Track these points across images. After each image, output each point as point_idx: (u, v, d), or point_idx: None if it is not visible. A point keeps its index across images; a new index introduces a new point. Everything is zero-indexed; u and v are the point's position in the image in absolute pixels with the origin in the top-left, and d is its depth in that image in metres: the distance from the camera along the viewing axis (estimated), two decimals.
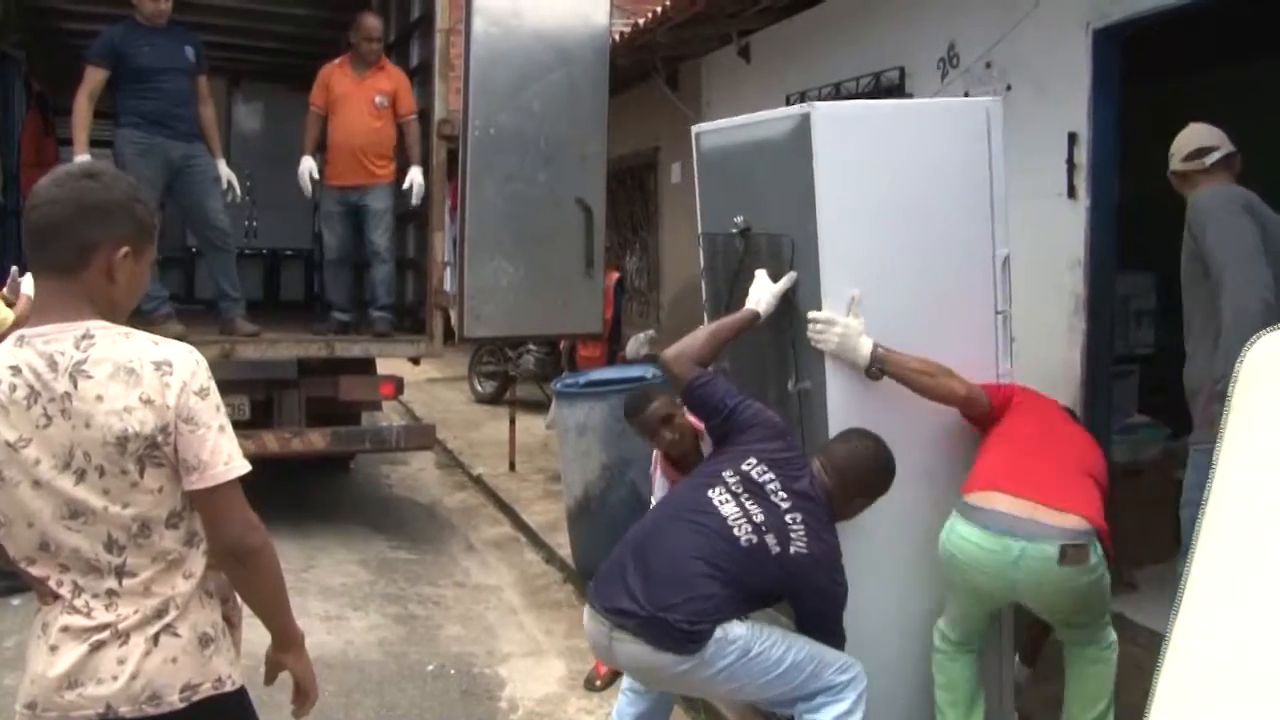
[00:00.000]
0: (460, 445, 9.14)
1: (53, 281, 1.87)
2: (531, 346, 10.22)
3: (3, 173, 7.50)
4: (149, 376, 1.83)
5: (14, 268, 4.63)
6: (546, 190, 6.18)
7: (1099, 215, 4.74)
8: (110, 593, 1.87)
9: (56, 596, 1.88)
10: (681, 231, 9.28)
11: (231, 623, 2.06)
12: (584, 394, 5.52)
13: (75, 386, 1.81)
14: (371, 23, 6.61)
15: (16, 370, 1.82)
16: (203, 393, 1.88)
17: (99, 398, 1.81)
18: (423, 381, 11.50)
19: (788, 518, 3.06)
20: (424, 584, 5.79)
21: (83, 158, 5.72)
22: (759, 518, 3.04)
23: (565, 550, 5.85)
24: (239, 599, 2.06)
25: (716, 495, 3.10)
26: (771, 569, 3.03)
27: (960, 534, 3.19)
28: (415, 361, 7.26)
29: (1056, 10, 4.76)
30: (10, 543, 1.88)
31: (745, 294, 3.56)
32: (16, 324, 5.04)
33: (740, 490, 3.09)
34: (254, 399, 6.33)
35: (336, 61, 6.68)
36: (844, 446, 3.24)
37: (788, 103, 7.01)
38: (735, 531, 3.03)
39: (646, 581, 2.99)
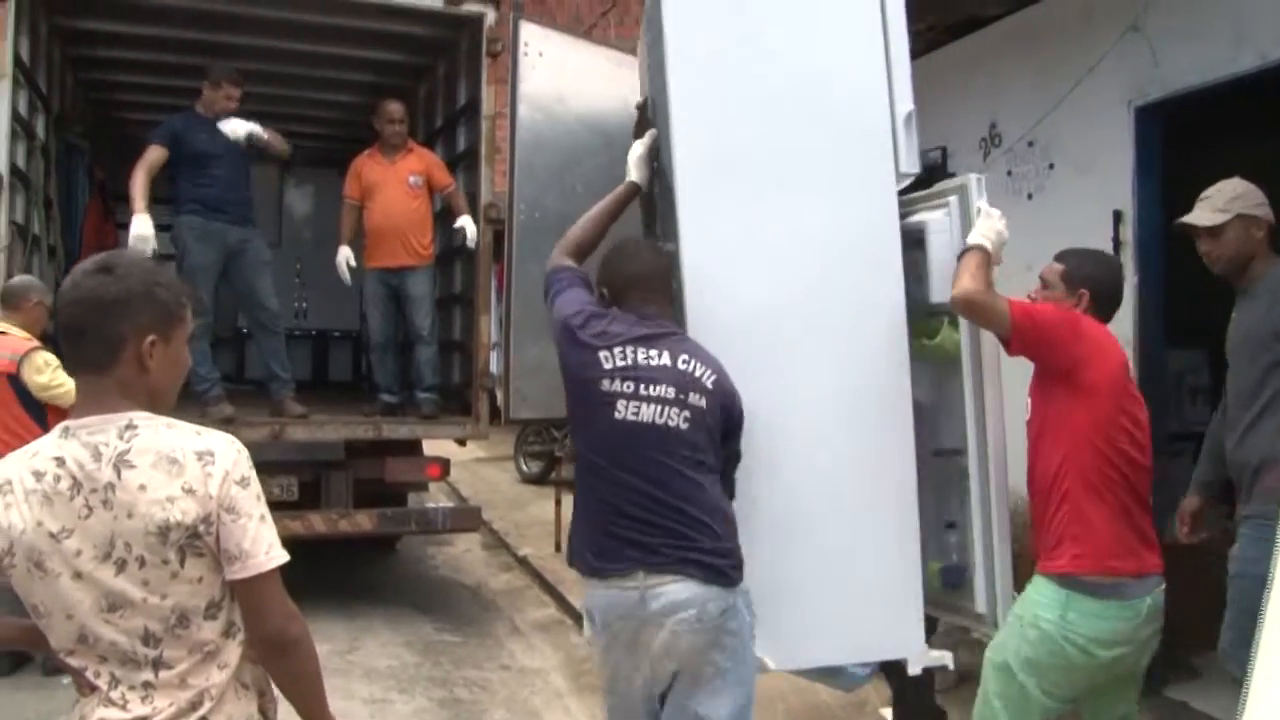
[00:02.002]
0: (506, 526, 9.12)
1: (90, 377, 1.90)
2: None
3: (66, 257, 7.70)
4: (191, 466, 1.85)
5: None
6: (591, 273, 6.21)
7: (1148, 292, 4.71)
8: (146, 685, 1.87)
9: (94, 688, 1.88)
10: None
11: (267, 716, 2.04)
12: None
13: (119, 476, 1.83)
14: (393, 107, 6.79)
15: (61, 461, 1.84)
16: (244, 482, 1.89)
17: (142, 487, 1.82)
18: (469, 461, 11.54)
19: (679, 362, 2.93)
20: (469, 667, 5.75)
21: (141, 217, 5.93)
22: (669, 393, 2.89)
23: None
24: (275, 691, 2.05)
25: (626, 410, 2.90)
26: (713, 413, 2.91)
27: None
28: (461, 442, 7.29)
29: (1097, 89, 4.79)
30: (50, 634, 1.89)
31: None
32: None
33: (631, 389, 2.90)
34: (302, 480, 6.38)
35: (366, 152, 6.87)
36: (621, 267, 3.08)
37: None
38: (669, 423, 2.88)
39: (651, 525, 2.84)
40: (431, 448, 7.12)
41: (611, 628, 2.90)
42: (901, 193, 3.40)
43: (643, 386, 2.89)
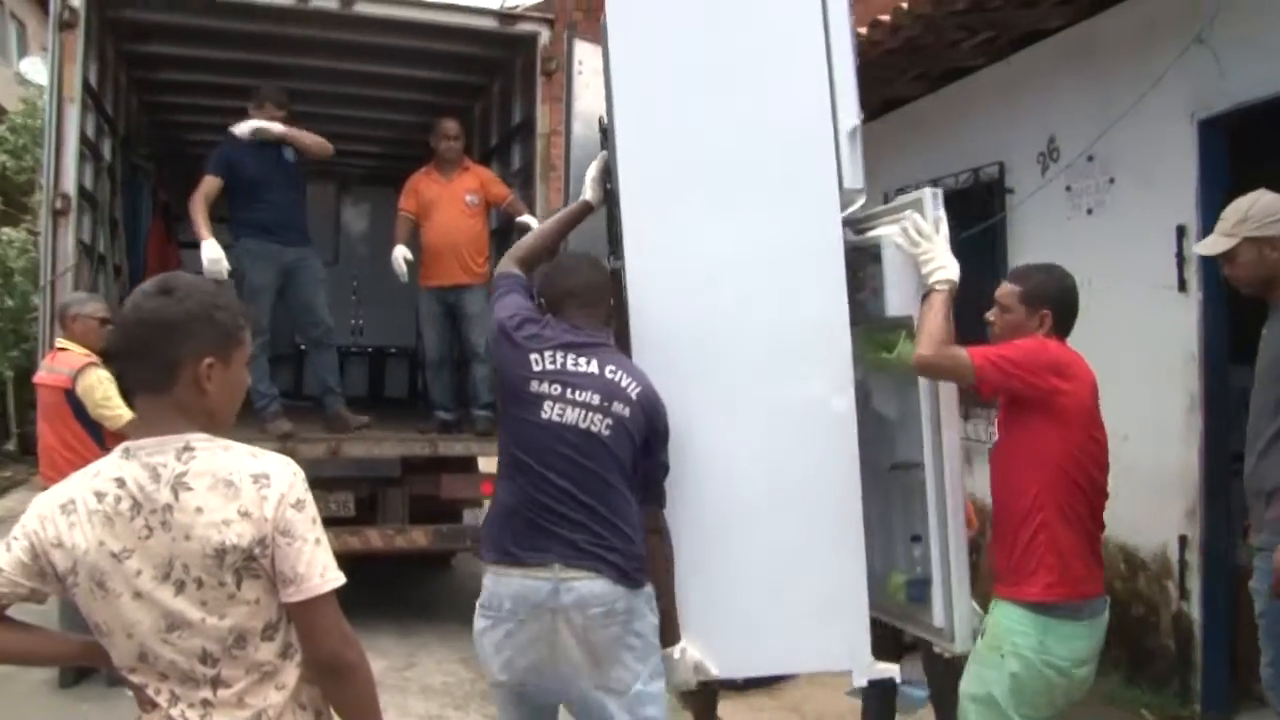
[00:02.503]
0: None
1: (149, 398, 1.91)
2: None
3: (130, 276, 7.86)
4: (247, 489, 1.86)
5: None
6: None
7: (1212, 308, 4.62)
8: (205, 703, 1.89)
9: (155, 705, 1.90)
10: None
11: None
12: None
13: (176, 498, 1.84)
14: (449, 124, 6.84)
15: (121, 482, 1.86)
16: (299, 505, 1.89)
17: (199, 509, 1.84)
18: None
19: (605, 371, 3.03)
20: None
21: (209, 242, 6.04)
22: (593, 399, 2.99)
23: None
24: (332, 713, 2.05)
25: (551, 411, 3.00)
26: (635, 422, 3.00)
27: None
28: None
29: (1160, 103, 4.71)
30: (112, 651, 1.91)
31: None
32: (124, 430, 5.26)
33: (558, 391, 3.01)
34: (359, 496, 6.44)
35: (423, 169, 6.91)
36: (559, 280, 3.20)
37: (884, 200, 7.01)
38: (592, 428, 2.98)
39: (568, 520, 2.94)
40: (487, 464, 7.14)
41: (519, 615, 2.96)
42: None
43: (569, 391, 3.00)
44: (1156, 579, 4.93)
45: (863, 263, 3.39)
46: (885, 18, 5.50)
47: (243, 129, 6.39)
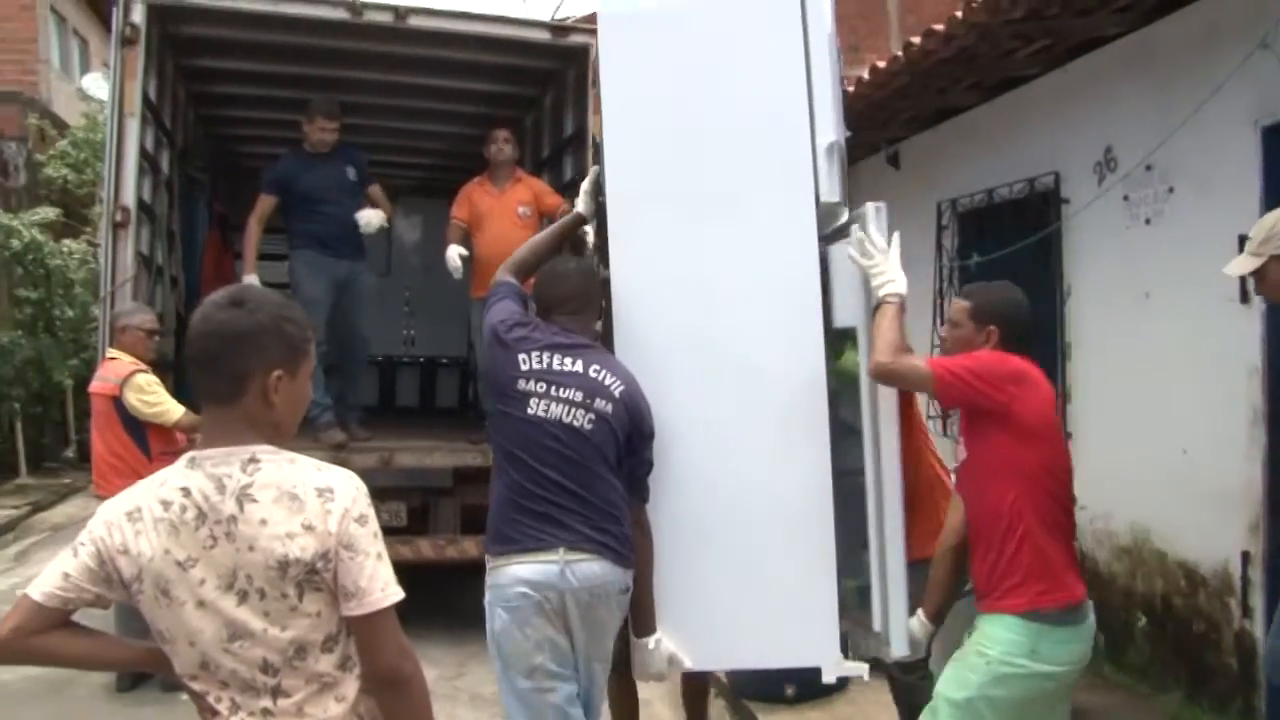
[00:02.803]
0: None
1: (216, 409, 1.92)
2: None
3: (186, 288, 7.98)
4: (311, 503, 1.87)
5: None
6: None
7: (1276, 320, 4.51)
8: (265, 712, 1.90)
9: (215, 713, 1.92)
10: None
11: None
12: None
13: (241, 510, 1.85)
14: (502, 135, 6.89)
15: (187, 492, 1.88)
16: (362, 520, 1.90)
17: (263, 521, 1.85)
18: None
19: (590, 370, 3.26)
20: None
21: (250, 278, 6.18)
22: (576, 396, 3.23)
23: None
24: None
25: (537, 407, 3.24)
26: (618, 419, 3.23)
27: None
28: None
29: (1221, 110, 4.62)
30: (175, 658, 1.93)
31: None
32: (179, 425, 5.36)
33: (544, 389, 3.25)
34: (410, 506, 6.47)
35: (476, 180, 6.94)
36: (550, 287, 3.47)
37: (939, 210, 6.96)
38: (575, 423, 3.21)
39: (564, 508, 3.18)
40: None
41: (533, 598, 3.16)
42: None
43: (554, 388, 3.24)
44: (1218, 595, 4.83)
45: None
46: (939, 27, 5.46)
47: (369, 223, 6.66)
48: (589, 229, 6.41)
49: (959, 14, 5.23)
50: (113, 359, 5.55)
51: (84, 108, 15.87)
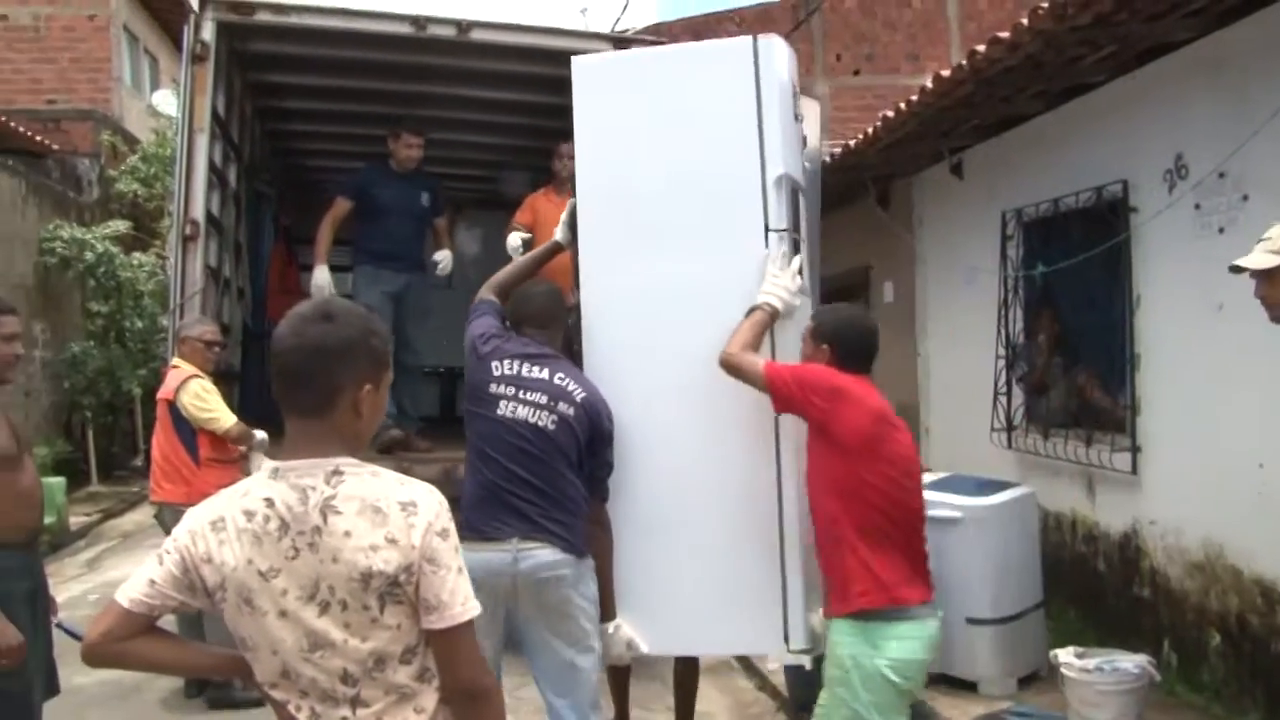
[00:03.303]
0: None
1: (301, 421, 1.94)
2: None
3: (253, 300, 8.11)
4: (395, 516, 1.88)
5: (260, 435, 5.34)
6: None
7: None
8: None
9: None
10: (894, 351, 9.14)
11: None
12: None
13: (325, 521, 1.87)
14: (566, 147, 6.83)
15: (270, 502, 1.90)
16: (444, 534, 1.92)
17: (347, 534, 1.86)
18: None
19: (555, 378, 3.66)
20: (636, 707, 5.69)
21: (320, 269, 6.33)
22: (541, 399, 3.62)
23: (778, 678, 5.69)
24: None
25: (506, 409, 3.64)
26: (580, 422, 3.62)
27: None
28: None
29: None
30: (256, 666, 1.95)
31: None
32: (229, 434, 5.45)
33: (512, 392, 3.65)
34: None
35: (541, 190, 6.98)
36: (520, 306, 3.90)
37: (1003, 219, 6.87)
38: (539, 423, 3.60)
39: (524, 500, 3.55)
40: None
41: (483, 584, 3.30)
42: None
43: (521, 392, 3.64)
44: None
45: None
46: (1004, 34, 5.39)
47: (445, 266, 7.08)
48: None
49: (1025, 21, 5.16)
50: (175, 367, 5.67)
51: (153, 124, 16.22)
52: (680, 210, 3.86)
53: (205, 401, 5.51)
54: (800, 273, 3.80)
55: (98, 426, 13.33)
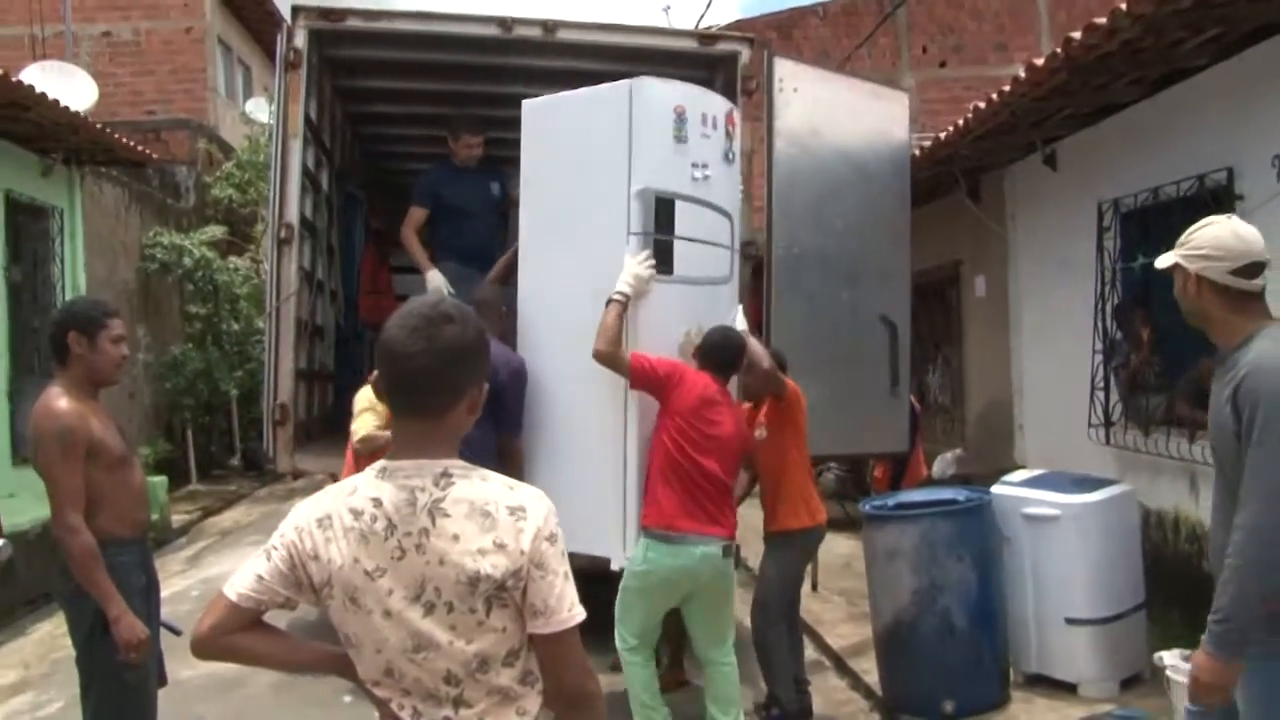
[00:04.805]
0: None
1: (416, 421, 1.93)
2: (832, 465, 10.08)
3: (345, 301, 8.25)
4: (504, 521, 1.88)
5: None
6: (849, 308, 6.16)
7: None
8: None
9: None
10: (987, 346, 8.98)
11: None
12: (893, 517, 5.34)
13: (433, 523, 1.87)
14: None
15: (378, 502, 1.90)
16: (553, 539, 1.91)
17: (455, 537, 1.86)
18: None
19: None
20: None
21: (433, 273, 6.44)
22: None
23: (871, 677, 5.62)
24: None
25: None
26: (498, 379, 4.70)
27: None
28: None
29: None
30: (359, 664, 1.96)
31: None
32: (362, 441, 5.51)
33: None
34: None
35: None
36: (471, 298, 5.09)
37: (1100, 211, 6.71)
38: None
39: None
40: None
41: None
42: None
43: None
44: None
45: None
46: (1101, 20, 5.25)
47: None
48: None
49: (1123, 5, 5.02)
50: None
51: (247, 131, 16.62)
52: (578, 220, 5.13)
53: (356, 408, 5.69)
54: (649, 261, 4.86)
55: (196, 426, 13.68)
